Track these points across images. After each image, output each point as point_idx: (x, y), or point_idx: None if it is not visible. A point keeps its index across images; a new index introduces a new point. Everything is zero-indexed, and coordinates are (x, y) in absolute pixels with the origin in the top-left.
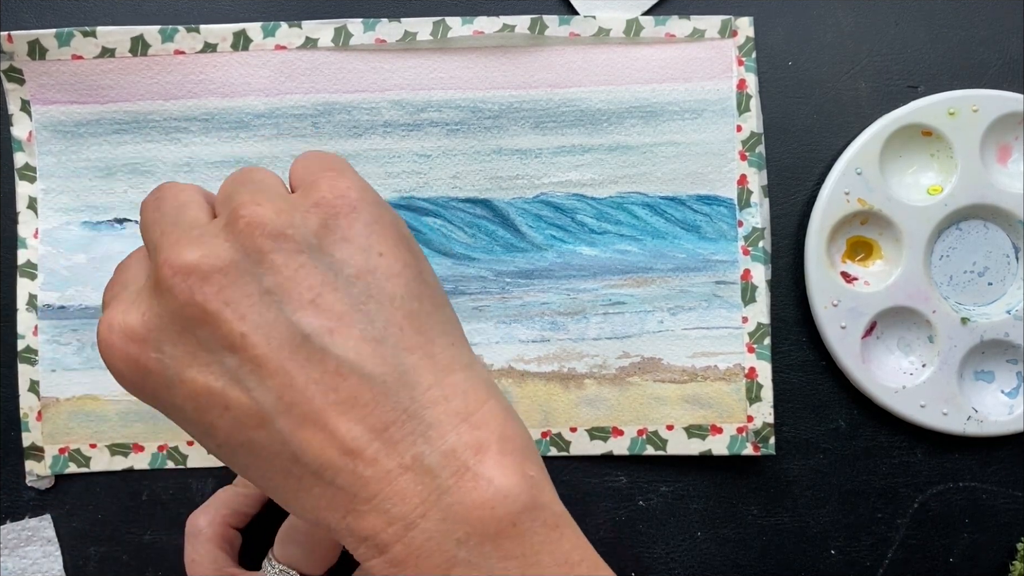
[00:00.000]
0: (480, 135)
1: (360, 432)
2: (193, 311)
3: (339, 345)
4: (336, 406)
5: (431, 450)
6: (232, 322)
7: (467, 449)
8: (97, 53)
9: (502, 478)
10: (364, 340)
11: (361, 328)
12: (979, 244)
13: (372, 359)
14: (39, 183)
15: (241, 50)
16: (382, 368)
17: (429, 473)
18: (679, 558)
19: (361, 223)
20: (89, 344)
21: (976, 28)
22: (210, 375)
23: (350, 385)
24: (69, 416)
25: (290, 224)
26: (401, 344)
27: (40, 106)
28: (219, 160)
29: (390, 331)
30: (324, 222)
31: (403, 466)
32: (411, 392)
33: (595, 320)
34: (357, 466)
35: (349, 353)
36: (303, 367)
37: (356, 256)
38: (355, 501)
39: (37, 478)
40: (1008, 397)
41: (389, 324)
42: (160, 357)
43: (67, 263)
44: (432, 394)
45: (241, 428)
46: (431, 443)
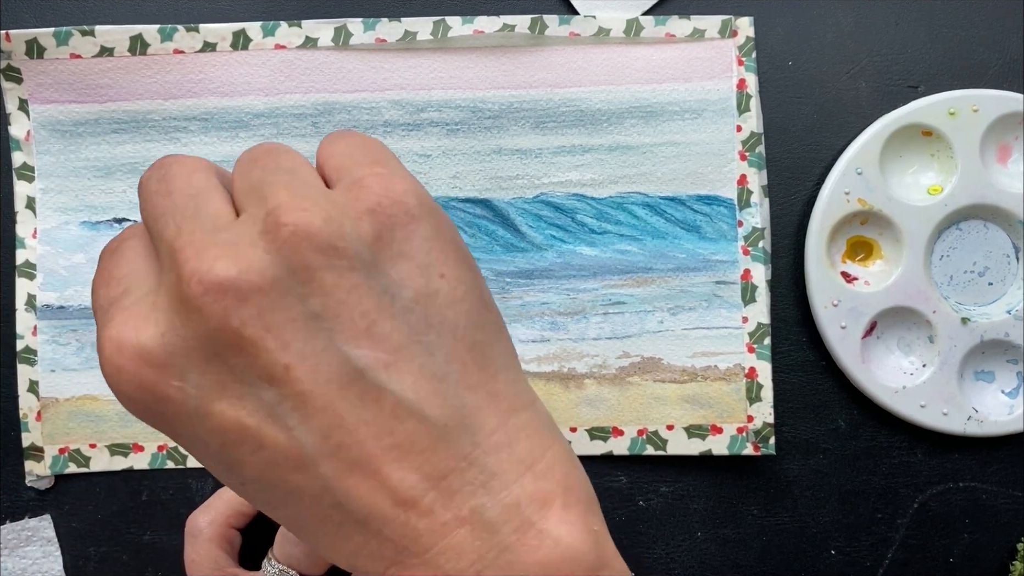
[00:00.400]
0: (480, 135)
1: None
2: (227, 336)
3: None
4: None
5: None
6: (274, 352)
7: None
8: (96, 52)
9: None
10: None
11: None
12: (979, 244)
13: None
14: (37, 183)
15: (241, 49)
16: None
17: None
18: (679, 558)
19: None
20: (89, 344)
21: (976, 28)
22: (243, 409)
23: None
24: (69, 416)
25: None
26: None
27: (38, 105)
28: (218, 160)
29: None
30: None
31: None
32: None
33: (595, 320)
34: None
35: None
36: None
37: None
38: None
39: (37, 478)
40: (1008, 397)
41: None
42: (183, 386)
43: (66, 263)
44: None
45: (275, 469)
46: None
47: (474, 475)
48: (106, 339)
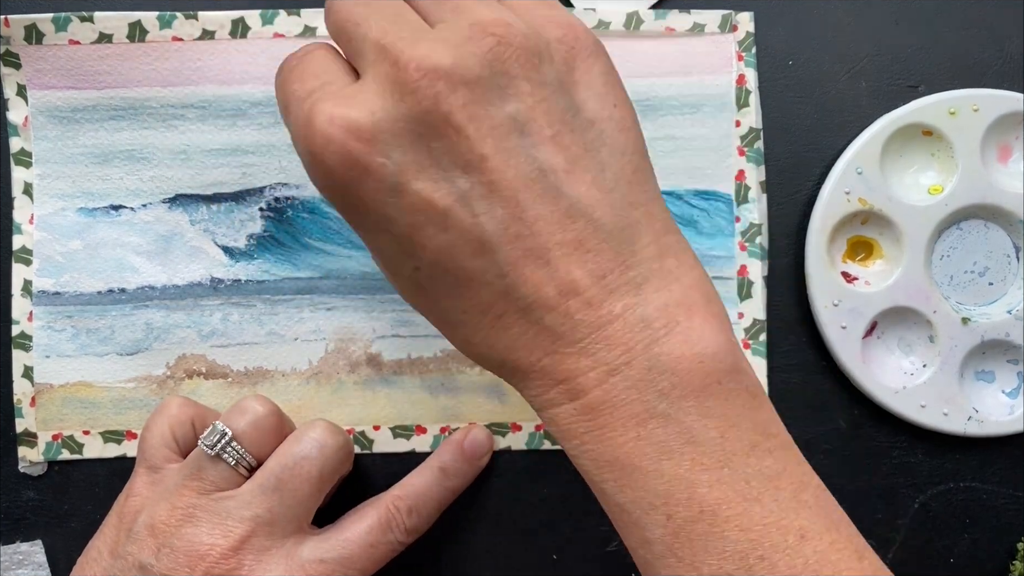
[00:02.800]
0: None
1: (580, 275)
2: (435, 119)
3: (572, 186)
4: (561, 247)
5: (644, 302)
6: (474, 140)
7: (678, 307)
8: (94, 38)
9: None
10: (595, 186)
11: (593, 175)
12: (980, 244)
13: (601, 207)
14: (35, 168)
15: (239, 38)
16: (609, 217)
17: (640, 323)
18: None
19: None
20: (84, 331)
21: (976, 28)
22: (436, 192)
23: (577, 228)
24: (63, 402)
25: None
26: (627, 198)
27: (37, 91)
28: (216, 148)
29: (619, 183)
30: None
31: (614, 314)
32: (632, 246)
33: None
34: (570, 308)
35: (582, 196)
36: (535, 202)
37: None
38: (559, 343)
39: (30, 464)
40: (1009, 397)
41: (619, 176)
42: (385, 162)
43: (62, 249)
44: (650, 251)
45: (454, 252)
46: (644, 296)
47: (630, 277)
48: (317, 113)
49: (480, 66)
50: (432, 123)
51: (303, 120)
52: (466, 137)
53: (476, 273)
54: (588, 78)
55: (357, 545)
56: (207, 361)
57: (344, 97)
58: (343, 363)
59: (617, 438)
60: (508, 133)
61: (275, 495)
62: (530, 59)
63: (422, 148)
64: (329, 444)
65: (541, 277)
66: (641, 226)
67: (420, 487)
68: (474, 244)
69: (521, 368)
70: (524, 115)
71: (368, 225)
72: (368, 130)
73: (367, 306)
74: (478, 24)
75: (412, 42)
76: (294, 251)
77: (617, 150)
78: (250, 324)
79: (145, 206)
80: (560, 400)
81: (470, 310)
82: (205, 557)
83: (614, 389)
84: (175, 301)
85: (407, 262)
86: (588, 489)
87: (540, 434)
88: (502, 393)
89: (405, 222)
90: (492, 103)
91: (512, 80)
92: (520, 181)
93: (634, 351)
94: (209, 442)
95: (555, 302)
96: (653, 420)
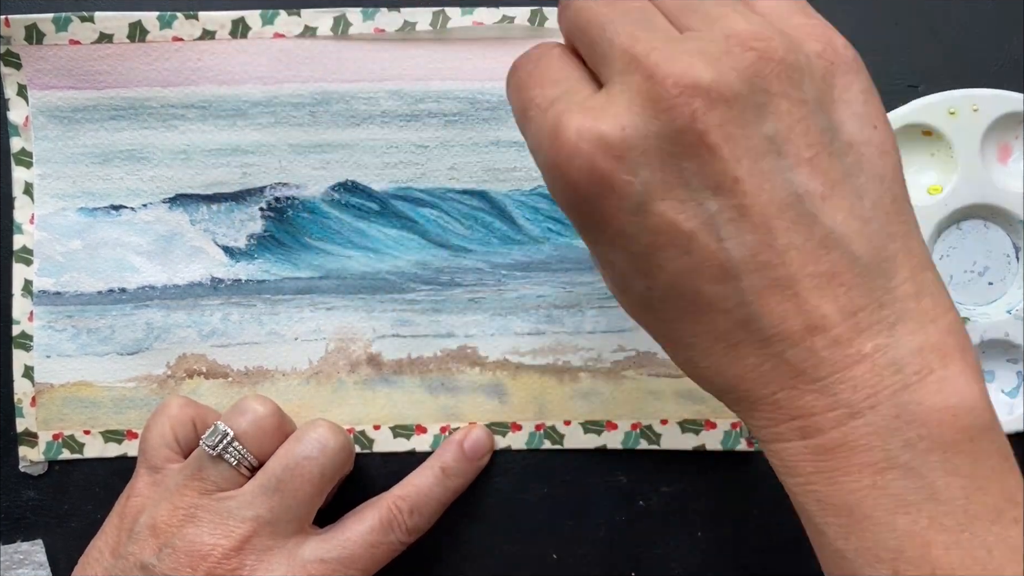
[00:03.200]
0: (478, 126)
1: (831, 311)
2: (689, 138)
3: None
4: (813, 278)
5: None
6: (728, 162)
7: (933, 352)
8: (95, 38)
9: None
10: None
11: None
12: (979, 244)
13: (858, 238)
14: (35, 168)
15: (239, 37)
16: (865, 249)
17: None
18: (679, 558)
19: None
20: (84, 331)
21: (976, 28)
22: (682, 213)
23: (832, 260)
24: (63, 402)
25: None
26: (885, 229)
27: (37, 91)
28: (216, 148)
29: (876, 213)
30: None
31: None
32: (887, 282)
33: (591, 313)
34: (815, 343)
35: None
36: (787, 229)
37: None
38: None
39: (31, 464)
40: (1008, 397)
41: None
42: (632, 180)
43: (63, 249)
44: (906, 288)
45: (694, 277)
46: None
47: (884, 315)
48: (565, 126)
49: (740, 82)
50: (686, 142)
51: (548, 130)
52: (720, 158)
53: (715, 299)
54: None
55: (358, 545)
56: (207, 361)
57: (592, 109)
58: (343, 363)
59: (850, 483)
60: (764, 154)
61: (276, 495)
62: (790, 75)
63: (672, 167)
64: (330, 444)
65: (787, 309)
66: (898, 261)
67: (421, 487)
68: (716, 270)
69: (750, 399)
70: (782, 135)
71: (604, 240)
72: (618, 146)
73: (367, 306)
74: (735, 36)
75: (667, 54)
76: (294, 251)
77: (876, 176)
78: (250, 324)
79: (145, 206)
80: (790, 436)
81: (702, 335)
82: (207, 557)
83: (854, 433)
84: (175, 301)
85: (640, 281)
86: (588, 489)
87: (540, 434)
88: (502, 393)
89: (645, 241)
90: (749, 122)
91: (771, 98)
92: (774, 206)
93: (881, 395)
94: (211, 442)
95: (800, 337)
96: (893, 471)
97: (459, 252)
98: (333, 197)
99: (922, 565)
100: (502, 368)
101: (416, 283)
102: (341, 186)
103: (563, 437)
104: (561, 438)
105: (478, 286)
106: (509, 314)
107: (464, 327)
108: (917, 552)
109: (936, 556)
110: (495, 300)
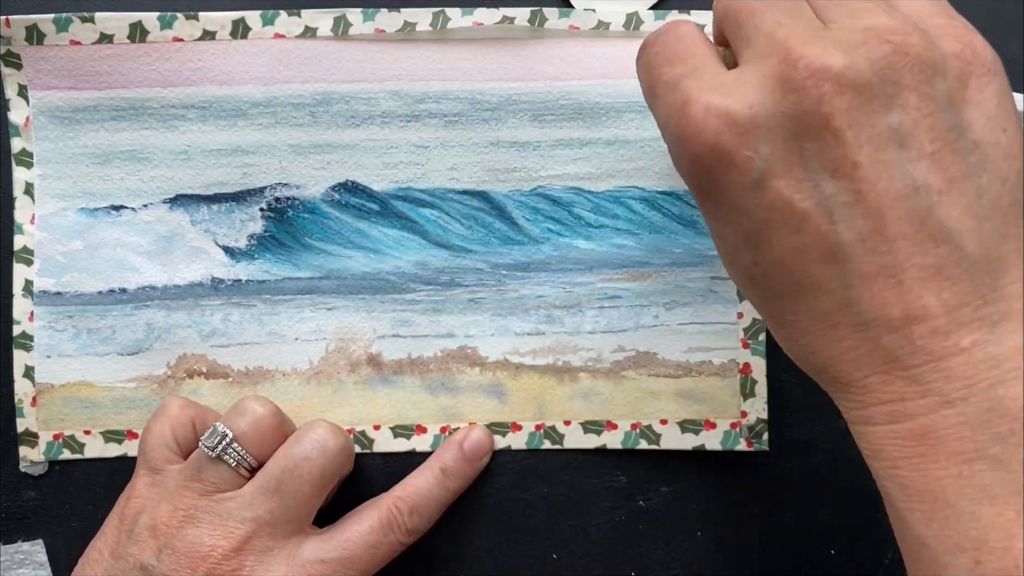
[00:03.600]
0: (478, 127)
1: (933, 303)
2: (814, 120)
3: (943, 209)
4: (918, 269)
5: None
6: (850, 146)
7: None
8: (95, 39)
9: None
10: (967, 213)
11: (968, 201)
12: None
13: (970, 235)
14: (36, 169)
15: (240, 38)
16: (976, 247)
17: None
18: (679, 558)
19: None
20: (85, 331)
21: (976, 28)
22: (798, 192)
23: (940, 253)
24: (64, 402)
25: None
26: (1000, 229)
27: (38, 91)
28: (216, 148)
29: (995, 212)
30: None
31: (960, 347)
32: (994, 281)
33: (591, 314)
34: (913, 332)
35: (952, 221)
36: (900, 218)
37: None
38: (893, 364)
39: (31, 464)
40: None
41: (996, 205)
42: (753, 156)
43: (64, 249)
44: (1013, 289)
45: (801, 256)
46: (998, 335)
47: (986, 313)
48: (693, 101)
49: (871, 72)
50: (811, 123)
51: (677, 106)
52: (842, 142)
53: (820, 280)
54: (980, 97)
55: (358, 545)
56: (208, 361)
57: (722, 86)
58: (343, 363)
59: (936, 471)
60: (886, 144)
61: (276, 496)
62: (923, 71)
63: (793, 147)
64: (330, 445)
65: (889, 296)
66: (1008, 261)
67: (421, 488)
68: (825, 251)
69: (843, 380)
70: (906, 128)
71: (720, 214)
72: (743, 123)
73: (367, 306)
74: (874, 29)
75: (805, 39)
76: (294, 251)
77: (999, 177)
78: (251, 324)
79: (146, 206)
80: (879, 419)
81: (802, 313)
82: (207, 558)
83: (944, 422)
84: (176, 301)
85: (748, 255)
86: (588, 489)
87: (540, 434)
88: (502, 393)
89: (759, 218)
90: (876, 111)
91: (901, 90)
92: (889, 195)
93: (975, 388)
94: (210, 444)
95: (898, 324)
96: (981, 461)
97: (459, 252)
98: (333, 197)
99: (1005, 557)
100: (502, 368)
101: (416, 283)
102: (341, 186)
103: (563, 437)
104: (561, 438)
105: (478, 286)
106: (509, 314)
107: (464, 327)
108: (1001, 543)
109: (1020, 549)
110: (495, 300)
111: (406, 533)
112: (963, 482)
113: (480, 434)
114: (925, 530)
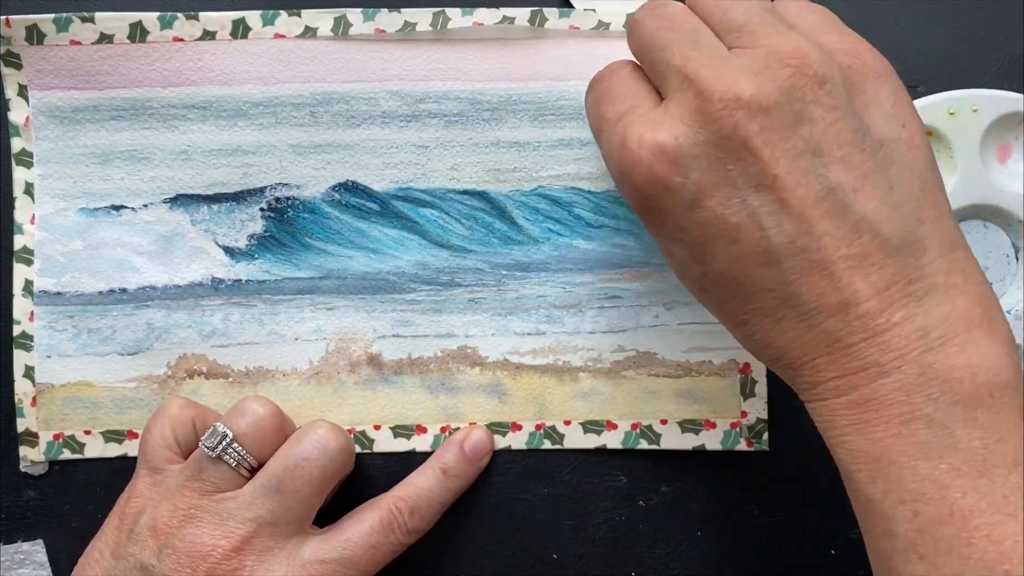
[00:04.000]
0: (478, 127)
1: (862, 287)
2: (733, 144)
3: (860, 204)
4: (846, 260)
5: (924, 313)
6: (768, 163)
7: (959, 319)
8: (95, 39)
9: (988, 349)
10: (883, 203)
11: (882, 192)
12: (979, 244)
13: (888, 222)
14: (36, 169)
15: (240, 38)
16: (895, 232)
17: (918, 331)
18: (679, 558)
19: (887, 91)
20: (85, 331)
21: (976, 28)
22: (728, 209)
23: (863, 243)
24: (64, 402)
25: (829, 77)
26: (915, 213)
27: (38, 91)
28: (216, 148)
29: (908, 199)
30: (853, 83)
31: (892, 322)
32: (916, 260)
33: (590, 314)
34: (849, 315)
35: (869, 213)
36: (822, 218)
37: (882, 123)
38: (835, 345)
39: (31, 464)
40: None
41: (907, 193)
42: (685, 181)
43: (64, 249)
44: (935, 265)
45: (740, 263)
46: (925, 308)
47: (912, 290)
48: (629, 137)
49: (778, 93)
50: (731, 147)
51: (617, 142)
52: (761, 159)
53: (761, 281)
54: (877, 100)
55: (358, 546)
56: (208, 361)
57: (651, 121)
58: (343, 363)
59: (878, 432)
60: (800, 155)
61: (276, 496)
62: (823, 85)
63: (719, 169)
64: (331, 445)
65: (824, 287)
66: (928, 241)
67: (422, 488)
68: (761, 256)
69: (795, 364)
70: (816, 138)
71: (664, 233)
72: (672, 153)
73: (367, 306)
74: (775, 54)
75: (714, 71)
76: (295, 251)
77: (906, 167)
78: (251, 324)
79: (146, 206)
80: (827, 394)
81: (752, 312)
82: (207, 558)
83: (883, 389)
84: (176, 301)
85: (696, 267)
86: (588, 489)
87: (540, 434)
88: (502, 393)
89: (698, 233)
90: (787, 127)
91: (806, 106)
92: (810, 199)
93: (907, 357)
94: (210, 444)
95: (836, 310)
96: (917, 421)
97: (459, 252)
98: (333, 197)
99: (940, 506)
100: (502, 368)
101: (416, 283)
102: (341, 186)
103: (563, 437)
104: (561, 438)
105: (478, 286)
106: (509, 314)
107: (464, 327)
108: (936, 494)
109: (954, 498)
110: (495, 300)
111: (406, 533)
112: (902, 441)
113: (480, 434)
114: (872, 488)
